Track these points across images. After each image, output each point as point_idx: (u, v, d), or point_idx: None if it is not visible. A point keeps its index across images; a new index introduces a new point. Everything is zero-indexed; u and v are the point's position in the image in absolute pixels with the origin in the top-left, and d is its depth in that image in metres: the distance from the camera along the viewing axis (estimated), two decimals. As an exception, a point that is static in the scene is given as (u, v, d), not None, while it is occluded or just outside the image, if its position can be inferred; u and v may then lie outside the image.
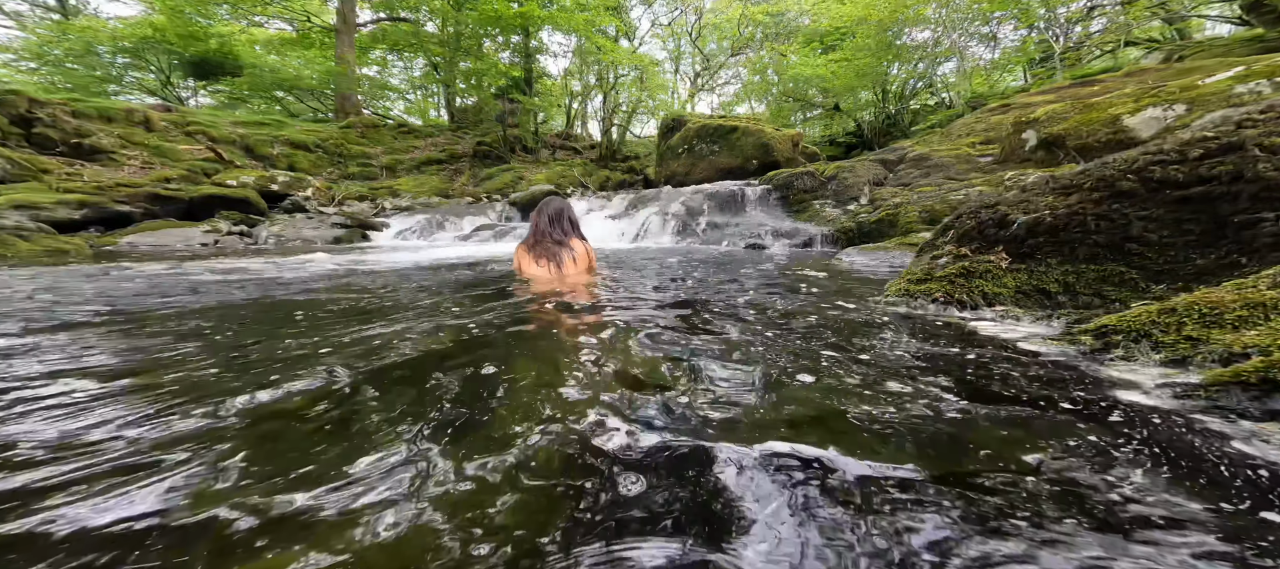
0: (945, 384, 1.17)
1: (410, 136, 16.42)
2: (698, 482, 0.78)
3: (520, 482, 0.78)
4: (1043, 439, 0.90)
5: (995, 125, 8.10)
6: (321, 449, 0.89)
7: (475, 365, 1.35)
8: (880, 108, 13.64)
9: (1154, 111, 4.85)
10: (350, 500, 0.73)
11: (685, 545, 0.63)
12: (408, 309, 2.27)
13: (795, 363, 1.36)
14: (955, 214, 2.36)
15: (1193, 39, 11.18)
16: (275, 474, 0.81)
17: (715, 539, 0.64)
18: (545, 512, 0.71)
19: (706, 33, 21.70)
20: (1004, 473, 0.79)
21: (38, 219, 5.93)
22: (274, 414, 1.06)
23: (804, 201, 7.76)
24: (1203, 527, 0.65)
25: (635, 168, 14.99)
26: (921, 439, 0.91)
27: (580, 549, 0.63)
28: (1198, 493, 0.73)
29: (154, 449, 0.89)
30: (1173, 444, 0.88)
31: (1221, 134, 1.70)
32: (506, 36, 16.91)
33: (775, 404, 1.08)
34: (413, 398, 1.13)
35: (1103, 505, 0.70)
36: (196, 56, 15.47)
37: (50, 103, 9.50)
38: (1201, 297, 1.28)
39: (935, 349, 1.47)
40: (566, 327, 1.86)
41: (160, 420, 1.01)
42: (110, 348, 1.60)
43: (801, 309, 2.14)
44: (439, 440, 0.92)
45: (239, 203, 8.27)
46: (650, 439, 0.92)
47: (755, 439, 0.91)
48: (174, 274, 3.57)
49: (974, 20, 12.22)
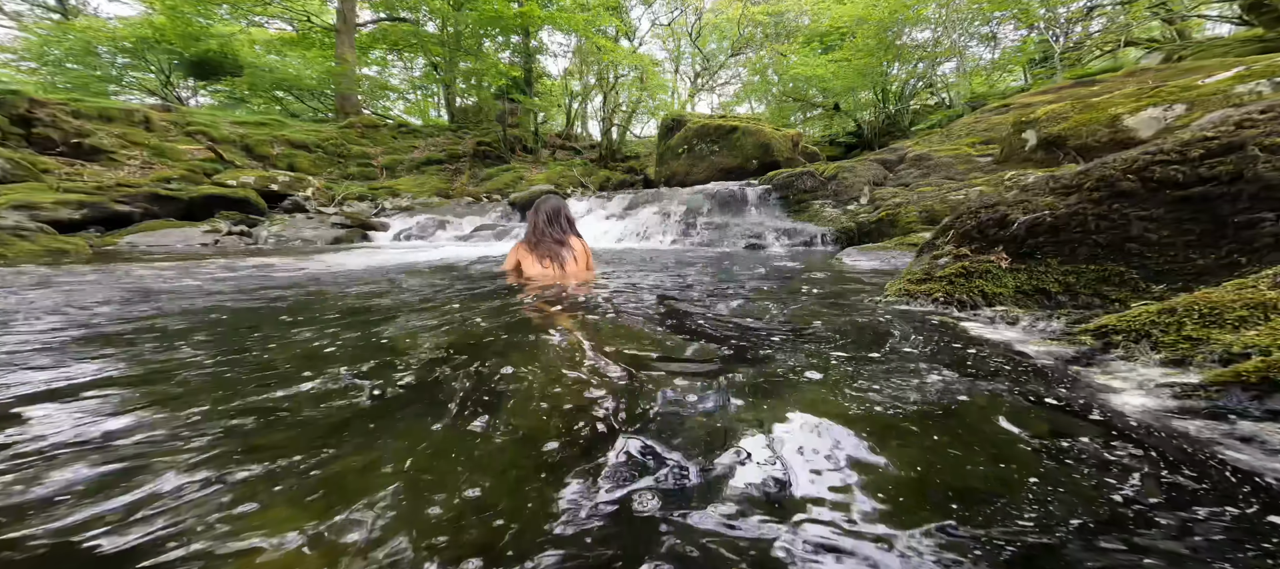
0: (944, 384, 1.17)
1: (410, 136, 16.41)
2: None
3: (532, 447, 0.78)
4: (1043, 439, 0.90)
5: (995, 125, 8.10)
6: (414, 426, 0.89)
7: (504, 359, 1.35)
8: (880, 108, 13.63)
9: (1154, 111, 4.85)
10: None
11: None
12: (437, 307, 2.27)
13: (796, 363, 1.36)
14: (955, 214, 2.36)
15: (1193, 39, 11.18)
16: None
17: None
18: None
19: (706, 33, 21.68)
20: (1004, 473, 0.79)
21: (38, 219, 5.93)
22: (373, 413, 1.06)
23: (804, 202, 7.76)
24: (1205, 527, 0.65)
25: (635, 168, 14.97)
26: (921, 439, 0.91)
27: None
28: (1199, 493, 0.73)
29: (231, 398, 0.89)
30: (1173, 444, 0.88)
31: (1221, 134, 1.70)
32: (506, 36, 16.90)
33: (775, 404, 1.08)
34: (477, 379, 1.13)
35: (1104, 506, 0.70)
36: (196, 56, 15.45)
37: (50, 103, 9.50)
38: (1201, 297, 1.28)
39: (935, 349, 1.47)
40: (578, 324, 1.86)
41: (256, 397, 1.01)
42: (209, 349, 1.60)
43: (802, 309, 2.14)
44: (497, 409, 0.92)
45: (239, 203, 8.27)
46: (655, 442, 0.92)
47: (757, 440, 0.91)
48: (187, 274, 3.57)
49: (974, 20, 12.21)
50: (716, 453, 0.86)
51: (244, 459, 0.86)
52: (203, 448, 0.90)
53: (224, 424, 1.00)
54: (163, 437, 0.95)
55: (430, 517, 0.69)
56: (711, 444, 0.90)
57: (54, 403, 1.11)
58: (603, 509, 0.71)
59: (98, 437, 0.94)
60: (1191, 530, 0.65)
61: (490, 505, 0.72)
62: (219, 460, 0.86)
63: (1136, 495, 0.73)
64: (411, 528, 0.67)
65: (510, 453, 0.88)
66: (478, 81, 16.39)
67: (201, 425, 0.99)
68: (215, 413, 1.05)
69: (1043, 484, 0.75)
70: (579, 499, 0.74)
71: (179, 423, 1.00)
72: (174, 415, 1.04)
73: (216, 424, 1.00)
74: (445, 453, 0.88)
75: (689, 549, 0.63)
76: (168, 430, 0.97)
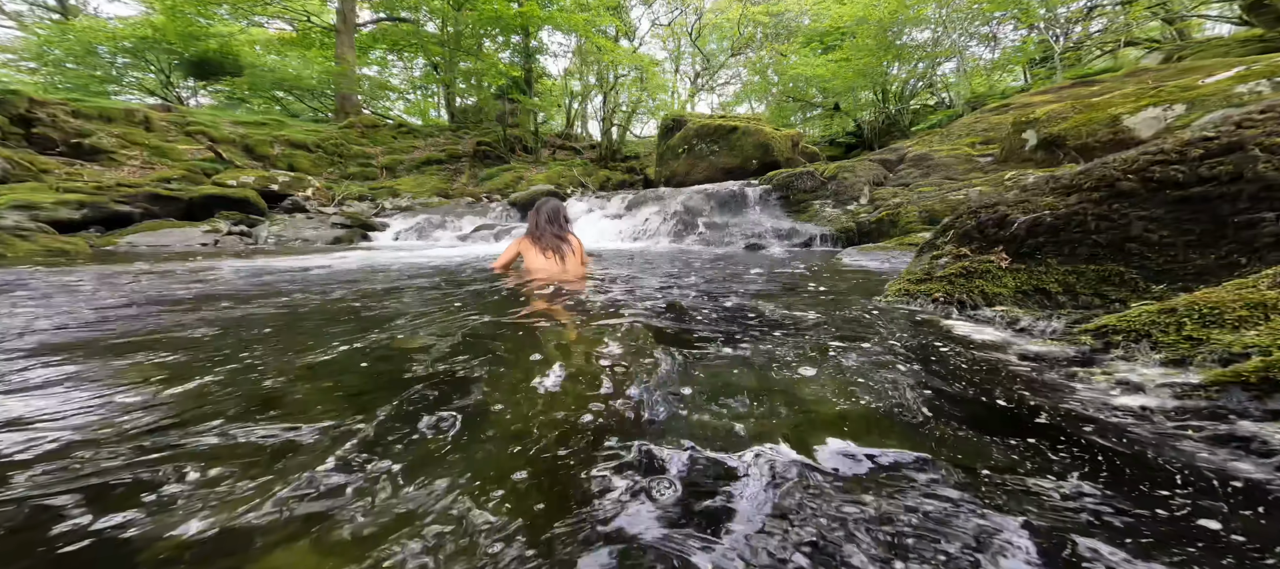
0: (944, 384, 1.17)
1: (410, 136, 16.41)
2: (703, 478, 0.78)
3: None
4: (1042, 439, 0.90)
5: (995, 125, 8.10)
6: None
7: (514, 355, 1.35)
8: (880, 108, 13.64)
9: (1154, 111, 4.85)
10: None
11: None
12: (446, 307, 2.27)
13: (795, 362, 1.36)
14: (955, 214, 2.36)
15: (1193, 39, 11.18)
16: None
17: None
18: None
19: (706, 33, 21.68)
20: (1004, 473, 0.79)
21: (38, 219, 5.93)
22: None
23: (804, 202, 7.76)
24: (1206, 528, 0.65)
25: (635, 168, 14.97)
26: (921, 440, 0.91)
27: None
28: (1199, 494, 0.73)
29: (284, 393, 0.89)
30: (1173, 445, 0.88)
31: (1221, 134, 1.70)
32: (506, 36, 16.89)
33: (774, 405, 1.08)
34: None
35: (1105, 505, 0.70)
36: (196, 56, 15.45)
37: (50, 103, 9.50)
38: (1201, 297, 1.28)
39: (935, 349, 1.47)
40: (578, 323, 1.86)
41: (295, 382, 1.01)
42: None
43: (802, 309, 2.14)
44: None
45: (239, 203, 8.26)
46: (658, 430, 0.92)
47: (756, 440, 0.91)
48: (186, 274, 3.57)
49: (974, 20, 12.21)
50: (715, 453, 0.86)
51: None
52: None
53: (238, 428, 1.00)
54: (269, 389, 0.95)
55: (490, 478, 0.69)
56: (711, 445, 0.90)
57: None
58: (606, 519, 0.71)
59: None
60: (1191, 530, 0.65)
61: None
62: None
63: (1138, 496, 0.73)
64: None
65: (503, 456, 0.88)
66: (478, 81, 16.39)
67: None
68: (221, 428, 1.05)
69: (1043, 485, 0.75)
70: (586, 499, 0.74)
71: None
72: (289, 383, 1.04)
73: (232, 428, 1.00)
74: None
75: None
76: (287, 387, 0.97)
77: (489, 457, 0.87)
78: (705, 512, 0.70)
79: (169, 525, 0.68)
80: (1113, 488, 0.74)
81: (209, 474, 0.81)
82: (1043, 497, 0.72)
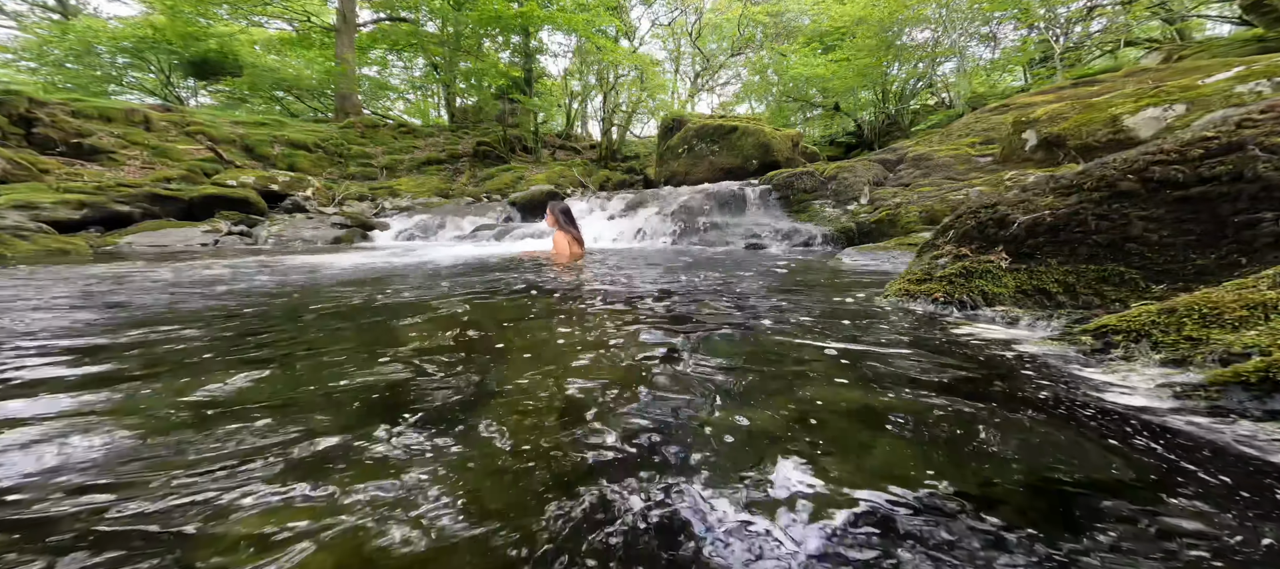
0: (944, 384, 1.17)
1: (410, 136, 16.41)
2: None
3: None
4: (1042, 439, 0.90)
5: (995, 125, 8.09)
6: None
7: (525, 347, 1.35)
8: (880, 108, 13.64)
9: (1154, 111, 4.85)
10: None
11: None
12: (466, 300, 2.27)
13: (793, 363, 1.36)
14: (955, 214, 2.36)
15: (1193, 39, 11.18)
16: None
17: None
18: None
19: (706, 33, 21.67)
20: (1003, 473, 0.79)
21: (38, 219, 5.93)
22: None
23: (804, 202, 7.76)
24: (1207, 528, 0.65)
25: (635, 168, 14.98)
26: (920, 440, 0.91)
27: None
28: (1200, 493, 0.73)
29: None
30: (1173, 445, 0.88)
31: (1221, 134, 1.70)
32: (506, 36, 16.89)
33: (773, 405, 1.08)
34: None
35: (1105, 506, 0.70)
36: (196, 56, 15.46)
37: (50, 103, 9.51)
38: (1201, 297, 1.28)
39: (934, 349, 1.47)
40: (576, 325, 1.86)
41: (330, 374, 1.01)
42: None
43: (801, 310, 2.14)
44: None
45: (239, 203, 8.26)
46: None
47: (754, 440, 0.91)
48: (187, 273, 3.57)
49: (974, 20, 12.21)
50: (711, 451, 0.86)
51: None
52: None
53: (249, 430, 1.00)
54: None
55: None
56: (712, 444, 0.90)
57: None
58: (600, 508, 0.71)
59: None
60: (1191, 530, 0.65)
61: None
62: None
63: (1138, 496, 0.73)
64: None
65: (502, 458, 0.88)
66: (478, 81, 16.39)
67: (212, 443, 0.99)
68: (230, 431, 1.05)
69: (1042, 484, 0.75)
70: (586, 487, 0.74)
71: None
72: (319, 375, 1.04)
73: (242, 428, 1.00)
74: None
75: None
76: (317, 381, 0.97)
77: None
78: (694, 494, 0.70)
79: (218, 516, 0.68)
80: (1113, 487, 0.74)
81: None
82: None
